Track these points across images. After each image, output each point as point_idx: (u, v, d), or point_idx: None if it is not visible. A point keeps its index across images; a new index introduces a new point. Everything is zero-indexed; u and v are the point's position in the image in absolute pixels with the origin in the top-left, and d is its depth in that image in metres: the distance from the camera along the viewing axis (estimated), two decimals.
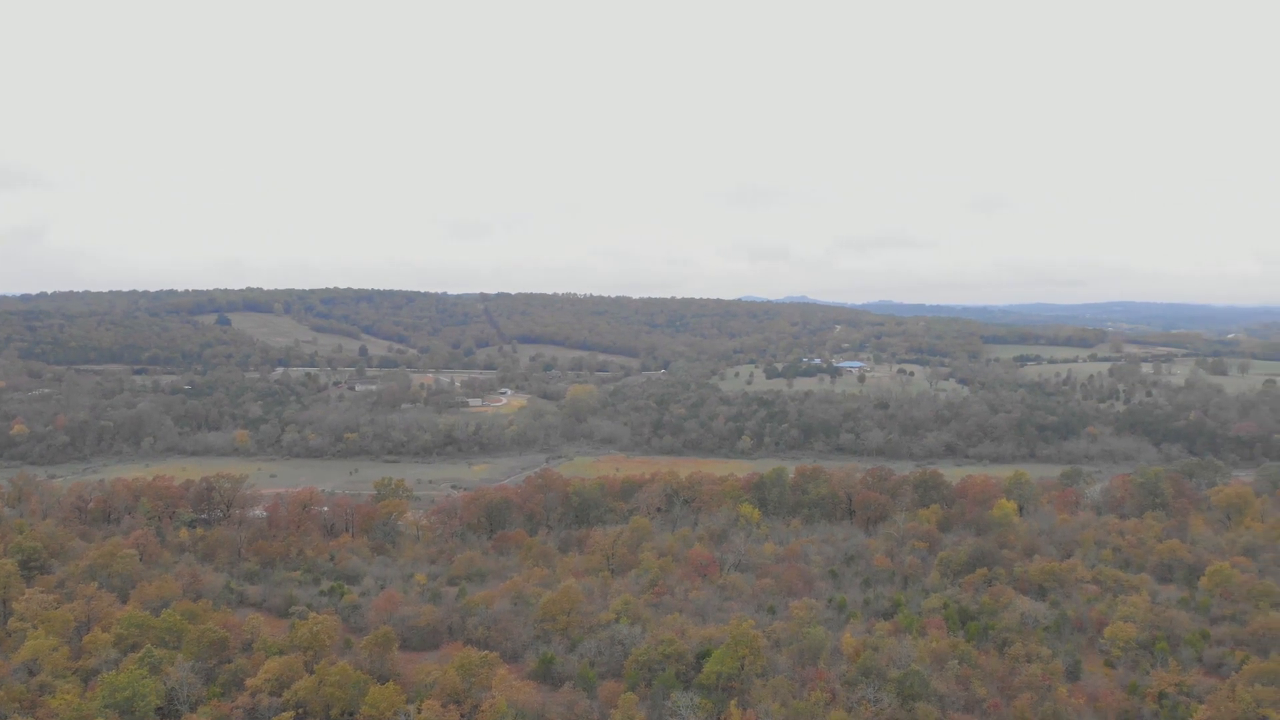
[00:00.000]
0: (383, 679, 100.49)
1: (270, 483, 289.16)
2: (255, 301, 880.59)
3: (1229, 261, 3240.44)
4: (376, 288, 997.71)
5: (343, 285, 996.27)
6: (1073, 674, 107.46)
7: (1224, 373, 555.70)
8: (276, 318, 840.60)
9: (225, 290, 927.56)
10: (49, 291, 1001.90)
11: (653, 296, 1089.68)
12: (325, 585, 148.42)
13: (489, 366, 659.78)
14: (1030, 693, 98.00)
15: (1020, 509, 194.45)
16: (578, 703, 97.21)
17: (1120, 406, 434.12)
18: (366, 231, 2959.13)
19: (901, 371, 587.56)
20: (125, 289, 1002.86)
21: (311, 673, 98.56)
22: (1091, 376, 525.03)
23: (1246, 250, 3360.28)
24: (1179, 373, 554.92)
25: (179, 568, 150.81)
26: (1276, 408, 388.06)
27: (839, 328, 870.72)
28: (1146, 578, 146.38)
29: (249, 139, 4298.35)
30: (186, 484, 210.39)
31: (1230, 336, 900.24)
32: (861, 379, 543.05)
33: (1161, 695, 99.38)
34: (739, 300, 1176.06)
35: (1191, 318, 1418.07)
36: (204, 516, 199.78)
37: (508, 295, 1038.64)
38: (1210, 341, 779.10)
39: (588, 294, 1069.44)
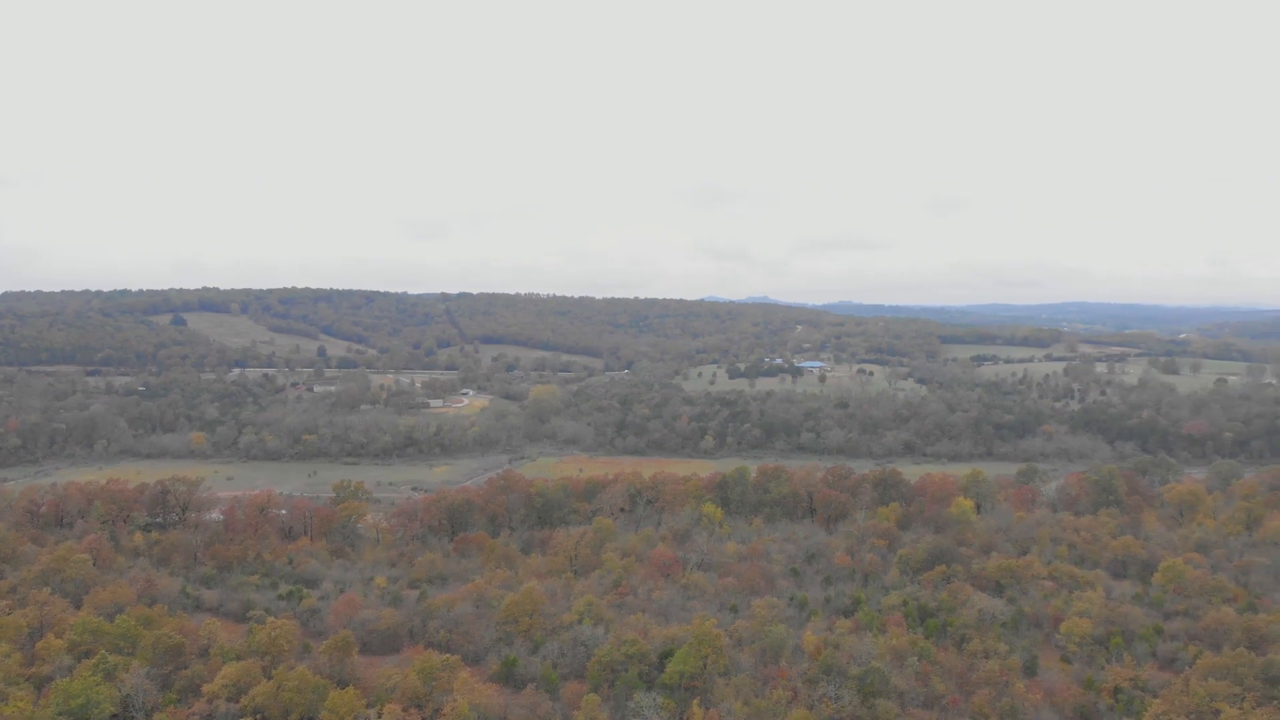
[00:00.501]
0: (342, 683, 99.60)
1: (227, 485, 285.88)
2: (211, 301, 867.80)
3: (1182, 264, 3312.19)
4: (335, 287, 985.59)
5: (301, 285, 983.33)
6: (1030, 669, 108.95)
7: (1176, 372, 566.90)
8: (233, 318, 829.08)
9: (181, 290, 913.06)
10: None
11: (616, 297, 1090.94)
12: (283, 589, 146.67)
13: (450, 367, 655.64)
14: (988, 688, 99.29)
15: (978, 507, 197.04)
16: (540, 704, 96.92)
17: (1075, 405, 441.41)
18: (325, 231, 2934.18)
19: (861, 371, 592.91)
20: (78, 289, 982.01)
21: (270, 678, 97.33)
22: (1047, 376, 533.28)
23: (1199, 253, 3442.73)
24: (1132, 372, 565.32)
25: (133, 572, 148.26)
26: (1227, 406, 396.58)
27: (800, 328, 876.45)
28: (1101, 574, 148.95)
29: (205, 137, 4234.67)
30: (141, 487, 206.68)
31: (1182, 336, 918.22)
32: (822, 379, 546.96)
33: (1117, 690, 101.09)
34: (702, 301, 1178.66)
35: (1145, 318, 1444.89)
36: (159, 520, 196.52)
37: (469, 295, 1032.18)
38: (1163, 341, 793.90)
39: (550, 294, 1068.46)
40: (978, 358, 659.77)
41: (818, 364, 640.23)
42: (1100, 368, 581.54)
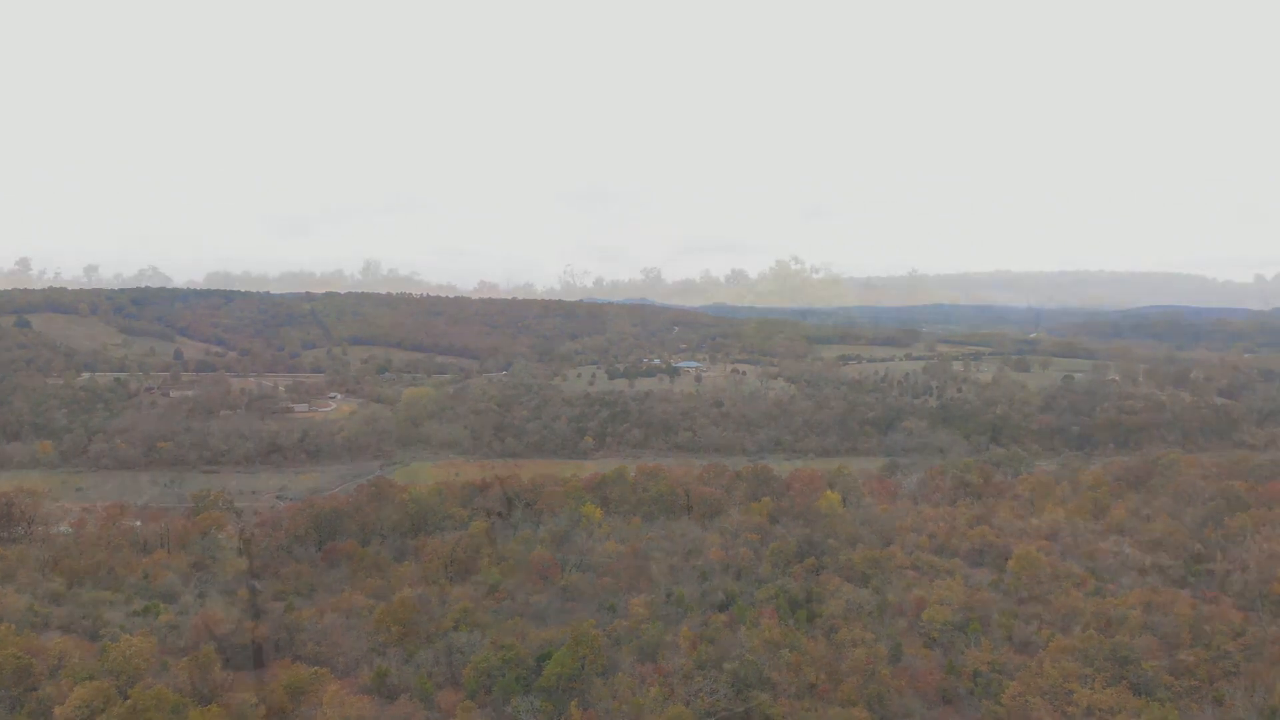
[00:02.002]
0: (204, 701, 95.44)
1: (76, 496, 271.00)
2: (58, 302, 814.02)
3: (1031, 267, 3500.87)
4: (192, 287, 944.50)
5: (155, 285, 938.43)
6: (895, 656, 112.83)
7: (1027, 370, 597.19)
8: (82, 319, 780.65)
9: (24, 290, 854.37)
10: None
11: (493, 297, 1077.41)
12: (139, 605, 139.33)
13: (317, 370, 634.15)
14: (856, 676, 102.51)
15: (844, 500, 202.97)
16: (415, 714, 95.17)
17: (934, 402, 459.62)
18: (181, 228, 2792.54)
19: (735, 371, 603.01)
20: None
21: (126, 698, 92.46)
22: (908, 374, 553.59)
23: (1047, 257, 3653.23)
24: (987, 370, 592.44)
25: None
26: (1074, 402, 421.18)
27: (678, 329, 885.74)
28: (959, 563, 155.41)
29: (48, 126, 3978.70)
30: None
31: (1033, 336, 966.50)
32: (698, 379, 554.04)
33: (976, 673, 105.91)
34: (581, 301, 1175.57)
35: (998, 318, 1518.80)
36: (2, 534, 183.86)
37: (336, 295, 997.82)
38: (1015, 341, 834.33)
39: (424, 293, 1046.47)
40: (843, 357, 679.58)
41: (694, 364, 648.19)
42: (957, 366, 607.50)
